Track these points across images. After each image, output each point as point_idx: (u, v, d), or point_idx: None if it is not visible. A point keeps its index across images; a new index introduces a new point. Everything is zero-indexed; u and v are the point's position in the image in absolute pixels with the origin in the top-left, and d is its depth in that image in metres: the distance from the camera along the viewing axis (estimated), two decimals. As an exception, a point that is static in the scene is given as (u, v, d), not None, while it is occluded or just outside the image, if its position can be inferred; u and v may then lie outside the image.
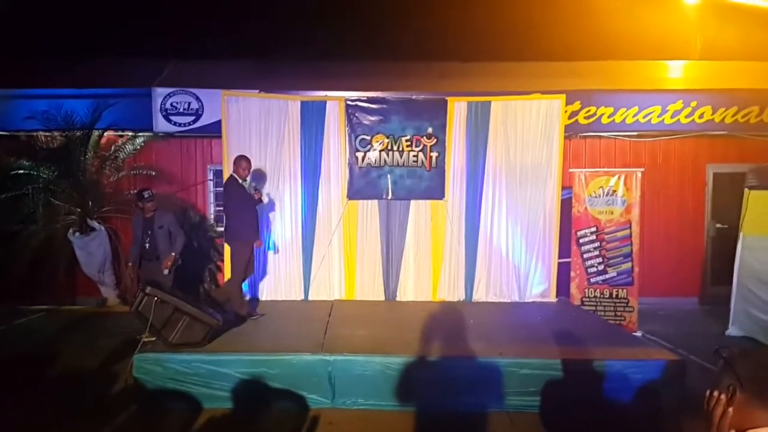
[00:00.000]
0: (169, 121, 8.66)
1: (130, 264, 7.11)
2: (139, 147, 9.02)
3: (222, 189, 6.81)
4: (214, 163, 9.31)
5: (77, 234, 8.57)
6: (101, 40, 12.41)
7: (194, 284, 8.61)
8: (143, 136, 9.02)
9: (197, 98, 8.66)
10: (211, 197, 9.49)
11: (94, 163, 8.84)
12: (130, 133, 9.09)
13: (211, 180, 9.45)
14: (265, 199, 7.18)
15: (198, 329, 5.54)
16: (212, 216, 9.37)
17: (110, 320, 8.00)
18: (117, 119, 8.76)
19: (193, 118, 8.69)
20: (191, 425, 4.88)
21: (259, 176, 7.75)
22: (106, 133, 8.98)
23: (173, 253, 6.89)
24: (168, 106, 8.64)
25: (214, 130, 8.31)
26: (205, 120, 8.68)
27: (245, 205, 6.54)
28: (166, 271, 6.83)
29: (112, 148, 8.99)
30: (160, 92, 8.64)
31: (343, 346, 5.51)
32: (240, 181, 6.56)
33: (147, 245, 6.92)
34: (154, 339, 5.54)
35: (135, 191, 7.43)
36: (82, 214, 8.63)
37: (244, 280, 6.79)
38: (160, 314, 5.47)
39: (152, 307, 5.44)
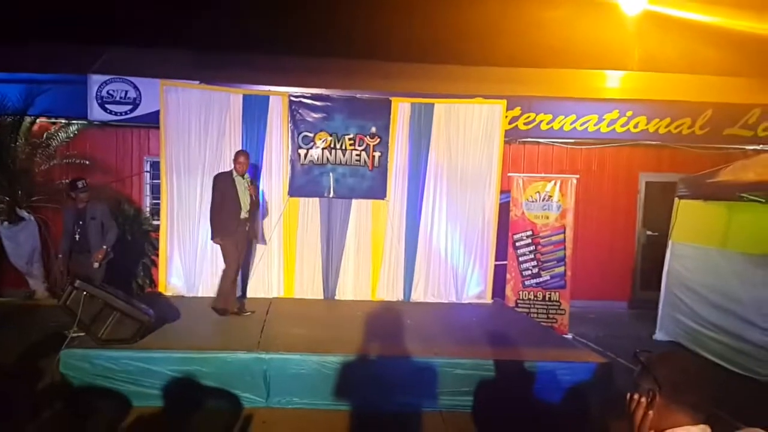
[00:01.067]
0: (105, 109, 8.41)
1: (59, 256, 6.90)
2: (72, 135, 8.76)
3: (212, 183, 6.77)
4: (151, 154, 9.12)
5: (5, 223, 8.26)
6: (34, 23, 11.95)
7: (127, 279, 8.41)
8: (77, 124, 8.76)
9: (135, 87, 8.45)
10: (148, 189, 9.29)
11: (25, 151, 8.55)
12: (64, 121, 8.83)
13: (147, 172, 9.24)
14: (259, 195, 7.15)
15: (129, 325, 5.43)
16: (148, 209, 9.16)
17: (38, 314, 7.76)
18: (50, 106, 8.47)
19: (130, 107, 8.47)
20: (119, 423, 4.76)
21: (196, 168, 7.69)
22: (38, 120, 8.68)
23: (104, 246, 6.72)
24: (104, 94, 8.39)
25: (152, 120, 8.13)
26: (142, 110, 8.48)
27: (229, 201, 6.58)
28: (96, 265, 6.65)
29: (45, 136, 8.70)
30: (96, 79, 8.38)
31: (280, 345, 5.48)
32: (235, 175, 6.61)
33: (78, 237, 6.72)
34: (82, 334, 5.38)
35: (68, 181, 7.19)
36: (11, 203, 8.31)
37: (236, 274, 6.81)
38: (90, 309, 5.32)
39: (81, 301, 5.29)
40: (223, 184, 6.60)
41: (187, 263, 7.80)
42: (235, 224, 6.61)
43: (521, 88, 9.26)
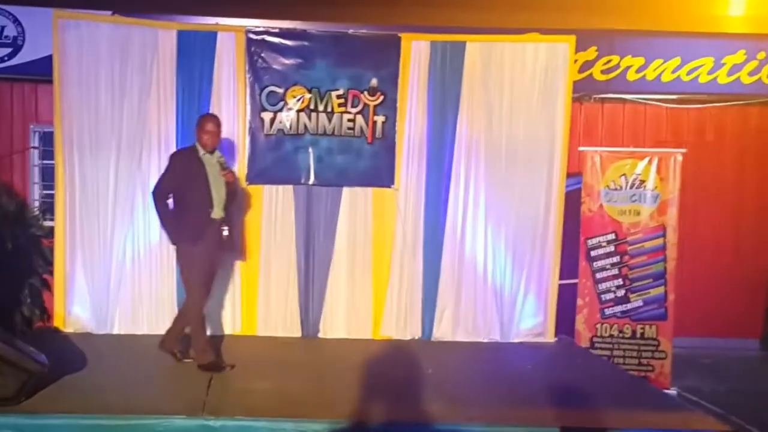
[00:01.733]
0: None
1: None
2: None
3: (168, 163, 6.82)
4: (40, 122, 9.16)
5: None
6: None
7: (7, 309, 8.39)
8: None
9: (15, 20, 8.48)
10: (36, 174, 9.34)
11: None
12: None
13: (35, 148, 9.28)
14: (237, 183, 7.09)
15: (10, 378, 5.43)
16: (37, 204, 9.18)
17: None
18: None
19: (8, 51, 8.50)
20: None
21: (107, 142, 7.78)
22: None
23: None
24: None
25: (42, 70, 8.19)
26: (27, 55, 8.55)
27: (194, 193, 6.55)
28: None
29: None
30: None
31: (236, 406, 5.48)
32: (201, 153, 6.59)
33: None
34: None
35: None
36: None
37: (204, 305, 6.82)
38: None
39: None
40: (183, 168, 6.57)
41: (97, 285, 7.88)
42: (204, 226, 6.56)
43: (597, 18, 9.24)
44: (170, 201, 6.68)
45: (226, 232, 6.68)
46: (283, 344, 7.76)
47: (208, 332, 7.62)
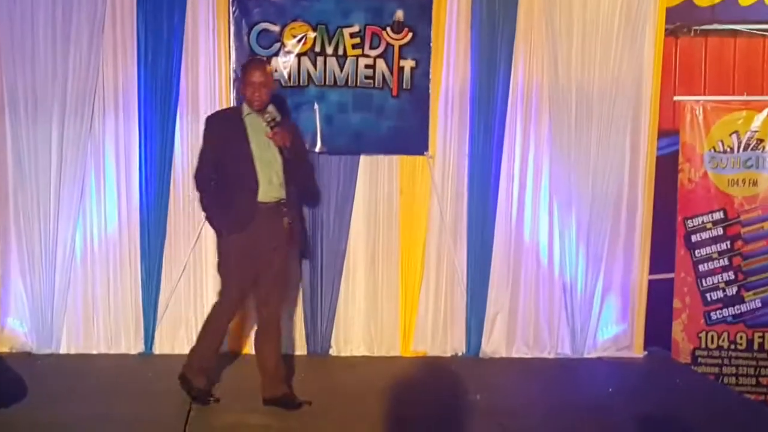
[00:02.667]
0: None
1: None
2: None
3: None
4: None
5: None
6: None
7: None
8: None
9: None
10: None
11: None
12: None
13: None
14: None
15: None
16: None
17: None
18: None
19: None
20: None
21: (48, 103, 7.79)
22: None
23: None
24: None
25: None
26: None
27: (235, 166, 6.39)
28: None
29: None
30: None
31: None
32: (246, 113, 6.46)
33: None
34: None
35: None
36: None
37: (232, 313, 6.72)
38: None
39: None
40: (220, 136, 6.49)
41: (38, 290, 7.93)
42: (247, 213, 6.39)
43: None
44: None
45: (287, 222, 6.45)
46: None
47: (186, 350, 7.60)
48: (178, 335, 8.10)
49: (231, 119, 6.50)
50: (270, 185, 6.31)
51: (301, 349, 8.13)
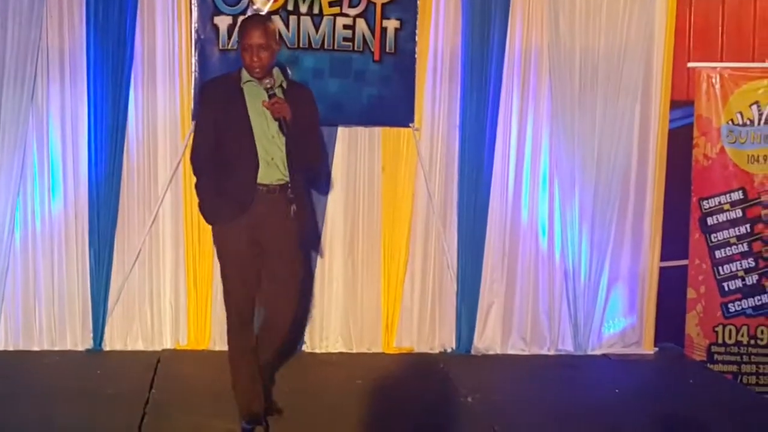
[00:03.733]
0: None
1: None
2: None
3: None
4: None
5: None
6: None
7: None
8: None
9: None
10: None
11: None
12: None
13: None
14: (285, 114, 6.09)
15: None
16: None
17: None
18: None
19: None
20: None
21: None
22: None
23: None
24: None
25: None
26: None
27: (229, 144, 5.98)
28: None
29: None
30: None
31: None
32: (244, 80, 5.95)
33: None
34: None
35: None
36: None
37: (239, 317, 6.16)
38: None
39: None
40: (216, 107, 6.02)
41: None
42: (245, 196, 6.01)
43: None
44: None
45: (293, 209, 5.98)
46: None
47: (145, 346, 7.82)
48: (132, 330, 7.83)
49: (228, 88, 5.96)
50: (270, 165, 5.89)
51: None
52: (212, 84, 6.32)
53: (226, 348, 7.22)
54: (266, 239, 5.94)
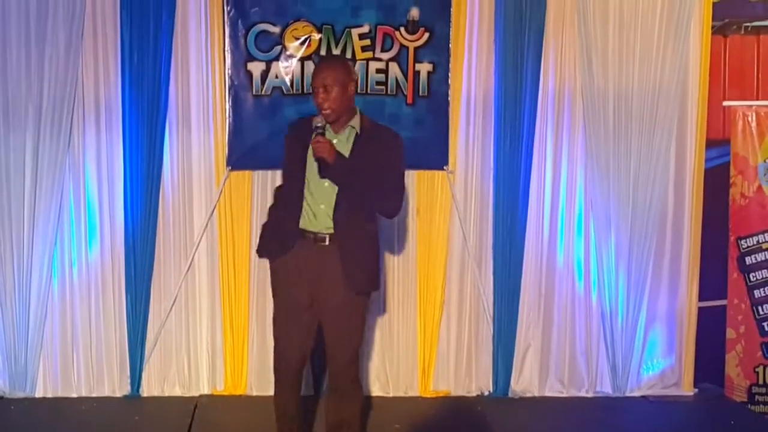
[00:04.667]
0: None
1: None
2: None
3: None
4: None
5: None
6: None
7: None
8: None
9: None
10: None
11: None
12: None
13: None
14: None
15: None
16: None
17: None
18: None
19: None
20: None
21: (23, 110, 7.53)
22: None
23: None
24: None
25: None
26: None
27: (289, 185, 6.03)
28: None
29: None
30: None
31: None
32: (317, 123, 5.71)
33: None
34: None
35: None
36: None
37: (283, 363, 6.14)
38: None
39: None
40: (291, 146, 6.02)
41: (10, 326, 7.63)
42: (288, 238, 5.96)
43: None
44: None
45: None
46: None
47: (182, 392, 7.77)
48: (169, 375, 7.85)
49: (305, 128, 5.82)
50: (319, 212, 5.78)
51: (307, 389, 7.58)
52: (293, 125, 6.18)
53: (263, 393, 7.47)
54: (312, 278, 5.79)
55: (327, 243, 5.71)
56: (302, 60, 7.57)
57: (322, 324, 5.87)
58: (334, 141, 5.66)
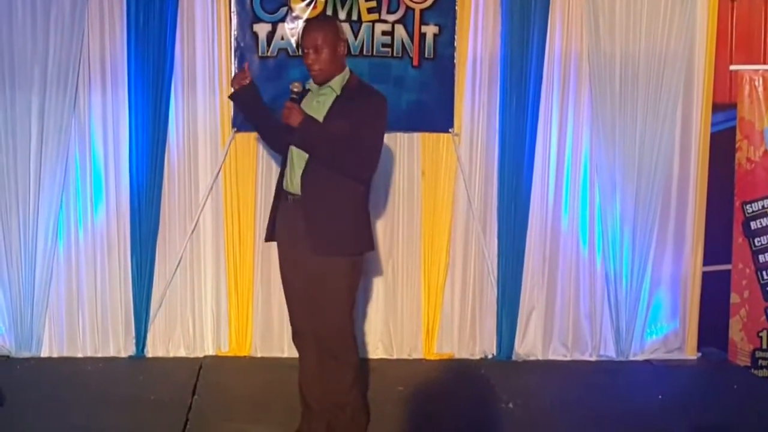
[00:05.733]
0: None
1: None
2: None
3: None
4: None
5: None
6: None
7: None
8: None
9: None
10: None
11: None
12: None
13: None
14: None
15: None
16: None
17: None
18: None
19: None
20: None
21: (28, 74, 7.55)
22: None
23: None
24: None
25: None
26: None
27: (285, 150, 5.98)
28: None
29: None
30: None
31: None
32: (298, 88, 5.76)
33: None
34: None
35: None
36: None
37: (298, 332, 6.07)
38: None
39: None
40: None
41: (16, 287, 7.74)
42: (276, 203, 6.04)
43: None
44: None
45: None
46: (290, 368, 7.08)
47: (186, 353, 7.87)
48: (174, 336, 7.94)
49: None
50: (292, 173, 5.77)
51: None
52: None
53: (267, 354, 7.65)
54: (296, 252, 5.77)
55: (296, 205, 5.69)
56: (308, 21, 7.47)
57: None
58: (313, 102, 5.66)
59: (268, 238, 5.98)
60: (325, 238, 5.59)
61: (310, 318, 5.76)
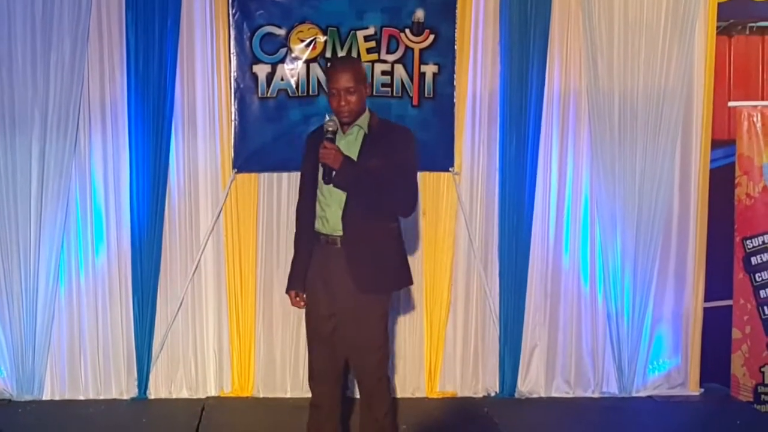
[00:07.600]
0: None
1: None
2: None
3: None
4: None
5: None
6: None
7: None
8: None
9: None
10: None
11: None
12: None
13: None
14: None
15: None
16: None
17: None
18: None
19: None
20: None
21: (28, 115, 7.57)
22: None
23: None
24: None
25: None
26: None
27: (308, 192, 5.96)
28: None
29: None
30: None
31: None
32: (331, 128, 5.66)
33: None
34: None
35: None
36: None
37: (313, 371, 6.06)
38: None
39: None
40: (309, 156, 5.92)
41: (17, 329, 7.72)
42: (307, 248, 6.01)
43: None
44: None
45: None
46: (293, 408, 7.38)
47: (187, 395, 7.84)
48: (176, 377, 7.95)
49: (320, 137, 5.70)
50: (329, 214, 5.72)
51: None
52: (312, 133, 6.01)
53: (270, 395, 7.65)
54: (334, 294, 5.73)
55: (338, 245, 5.64)
56: (308, 62, 7.64)
57: (340, 328, 5.73)
58: (343, 142, 5.59)
59: (299, 287, 5.88)
60: (370, 275, 5.63)
61: (340, 358, 5.82)
